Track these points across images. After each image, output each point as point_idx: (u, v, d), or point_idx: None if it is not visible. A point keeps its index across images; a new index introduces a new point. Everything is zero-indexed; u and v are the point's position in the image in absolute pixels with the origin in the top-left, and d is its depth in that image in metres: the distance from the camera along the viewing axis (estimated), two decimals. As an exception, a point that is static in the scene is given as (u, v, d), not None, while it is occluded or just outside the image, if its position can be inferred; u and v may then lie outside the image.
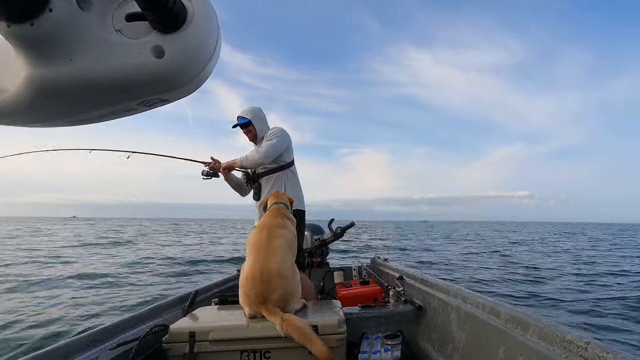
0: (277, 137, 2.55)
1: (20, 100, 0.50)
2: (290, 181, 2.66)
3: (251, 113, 2.64)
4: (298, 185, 2.72)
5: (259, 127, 2.64)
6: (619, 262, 12.68)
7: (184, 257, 12.57)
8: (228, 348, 1.43)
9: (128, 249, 15.87)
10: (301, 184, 2.78)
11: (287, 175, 2.66)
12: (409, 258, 13.61)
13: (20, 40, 0.46)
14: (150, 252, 14.37)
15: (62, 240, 20.07)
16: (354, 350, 1.87)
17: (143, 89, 0.51)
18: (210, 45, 0.53)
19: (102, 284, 7.65)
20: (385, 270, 3.30)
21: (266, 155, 2.49)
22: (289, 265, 1.68)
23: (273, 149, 2.52)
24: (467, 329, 1.65)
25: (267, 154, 2.50)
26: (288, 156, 2.67)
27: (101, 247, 16.75)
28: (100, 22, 0.49)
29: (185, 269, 10.14)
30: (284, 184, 2.63)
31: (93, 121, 0.59)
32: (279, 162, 2.63)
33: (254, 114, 2.65)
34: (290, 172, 2.68)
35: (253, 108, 2.69)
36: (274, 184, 2.63)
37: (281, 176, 2.64)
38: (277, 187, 2.61)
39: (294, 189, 2.65)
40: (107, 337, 1.52)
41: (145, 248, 16.44)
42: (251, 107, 2.70)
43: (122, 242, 19.39)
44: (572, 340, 1.05)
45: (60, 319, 4.93)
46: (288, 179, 2.65)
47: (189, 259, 12.08)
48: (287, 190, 2.59)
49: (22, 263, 10.60)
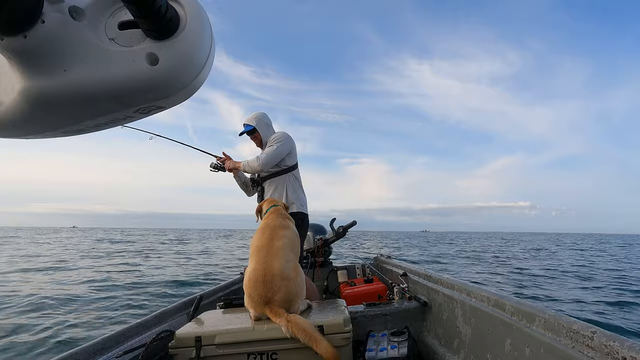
0: (278, 143, 2.56)
1: (15, 113, 0.50)
2: (292, 185, 2.66)
3: (256, 120, 2.68)
4: (300, 189, 2.73)
5: (263, 133, 2.67)
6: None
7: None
8: (235, 351, 1.43)
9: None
10: (304, 188, 2.78)
11: (289, 179, 2.67)
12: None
13: (14, 52, 0.46)
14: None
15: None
16: (360, 349, 1.87)
17: (138, 97, 0.51)
18: (204, 50, 0.53)
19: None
20: (388, 267, 3.30)
21: (265, 163, 2.52)
22: (292, 265, 1.68)
23: (273, 155, 2.54)
24: (473, 323, 1.65)
25: (267, 161, 2.52)
26: (290, 160, 2.67)
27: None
28: (93, 31, 0.49)
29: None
30: (285, 187, 2.63)
31: (90, 130, 0.58)
32: (281, 166, 2.64)
33: (259, 121, 2.68)
34: (292, 176, 2.68)
35: (257, 114, 2.71)
36: (276, 188, 2.64)
37: (283, 180, 2.65)
38: (279, 191, 2.63)
39: (296, 193, 2.66)
40: (114, 345, 1.53)
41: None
42: (255, 113, 2.72)
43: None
44: (578, 330, 1.05)
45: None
46: (290, 183, 2.66)
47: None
48: (288, 194, 2.61)
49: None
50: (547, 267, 13.10)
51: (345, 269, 3.46)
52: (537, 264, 14.66)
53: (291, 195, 2.63)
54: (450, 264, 14.22)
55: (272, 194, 2.64)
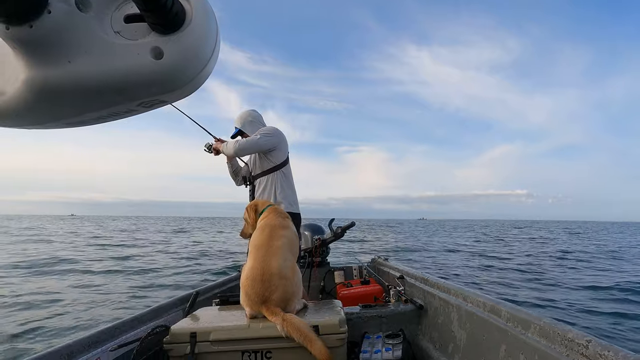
0: (262, 134, 2.55)
1: (19, 103, 0.50)
2: (281, 183, 2.62)
3: (240, 121, 2.71)
4: (290, 187, 2.68)
5: (251, 131, 2.66)
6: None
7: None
8: (229, 348, 1.43)
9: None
10: (295, 185, 2.74)
11: (278, 176, 2.63)
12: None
13: (19, 42, 0.46)
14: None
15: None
16: (355, 350, 1.87)
17: (142, 90, 0.51)
18: (209, 45, 0.53)
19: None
20: (385, 269, 3.30)
21: (240, 149, 2.49)
22: (290, 265, 1.68)
23: (252, 144, 2.51)
24: (468, 328, 1.65)
25: (242, 148, 2.49)
26: (279, 156, 2.64)
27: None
28: (99, 23, 0.49)
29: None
30: (274, 186, 2.60)
31: (92, 122, 0.58)
32: (271, 161, 2.61)
33: (243, 121, 2.70)
34: (281, 174, 2.64)
35: (242, 114, 2.73)
36: (266, 187, 2.62)
37: (272, 178, 2.62)
38: (269, 190, 2.60)
39: (285, 192, 2.62)
40: (108, 338, 1.53)
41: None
42: (241, 113, 2.75)
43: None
44: (573, 339, 1.05)
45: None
46: (279, 181, 2.62)
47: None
48: (277, 193, 2.58)
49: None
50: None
51: (343, 269, 3.46)
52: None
53: (279, 195, 2.59)
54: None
55: (262, 193, 2.62)
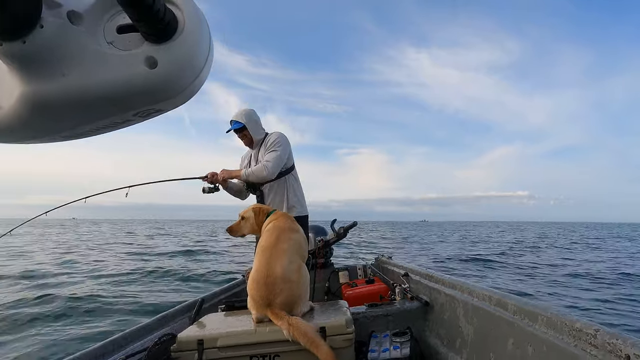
0: (280, 147, 2.45)
1: (15, 118, 0.50)
2: (292, 187, 2.59)
3: (245, 117, 2.49)
4: (300, 190, 2.66)
5: (254, 131, 2.53)
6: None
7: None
8: (237, 354, 1.43)
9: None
10: (302, 188, 2.72)
11: (289, 181, 2.58)
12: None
13: (13, 58, 0.46)
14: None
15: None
16: (362, 349, 1.86)
17: (137, 100, 0.51)
18: (203, 53, 0.53)
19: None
20: (390, 268, 3.29)
21: (274, 171, 2.41)
22: (295, 267, 1.67)
23: (279, 161, 2.43)
24: (475, 322, 1.64)
25: (275, 169, 2.41)
26: (289, 161, 2.60)
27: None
28: (91, 35, 0.49)
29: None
30: (286, 190, 2.55)
31: (88, 135, 0.59)
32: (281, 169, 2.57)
33: (248, 118, 2.50)
34: (291, 177, 2.61)
35: (246, 111, 2.53)
36: (277, 192, 2.56)
37: (283, 183, 2.56)
38: (280, 194, 2.55)
39: (296, 195, 2.60)
40: (116, 349, 1.52)
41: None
42: (244, 110, 2.55)
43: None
44: (581, 329, 1.05)
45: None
46: (290, 185, 2.57)
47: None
48: (289, 197, 2.54)
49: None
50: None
51: (347, 269, 3.45)
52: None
53: (292, 199, 2.56)
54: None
55: (273, 198, 2.55)
